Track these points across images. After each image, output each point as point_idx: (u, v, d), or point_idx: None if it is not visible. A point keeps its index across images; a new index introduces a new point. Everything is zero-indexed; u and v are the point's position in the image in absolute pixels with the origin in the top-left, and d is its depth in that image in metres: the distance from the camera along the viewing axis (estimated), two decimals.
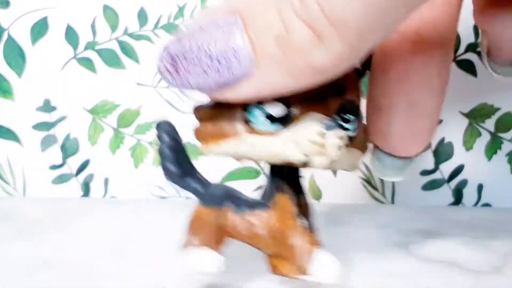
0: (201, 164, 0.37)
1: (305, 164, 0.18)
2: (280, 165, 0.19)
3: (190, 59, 0.16)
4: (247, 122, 0.18)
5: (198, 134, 0.20)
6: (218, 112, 0.19)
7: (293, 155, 0.17)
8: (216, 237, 0.20)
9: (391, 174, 0.24)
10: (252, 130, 0.18)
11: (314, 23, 0.14)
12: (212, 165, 0.36)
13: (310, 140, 0.17)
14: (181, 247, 0.20)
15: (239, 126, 0.18)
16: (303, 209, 0.20)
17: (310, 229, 0.19)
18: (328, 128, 0.17)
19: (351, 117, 0.18)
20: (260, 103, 0.18)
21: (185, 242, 0.20)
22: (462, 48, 0.34)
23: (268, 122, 0.18)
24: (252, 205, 0.19)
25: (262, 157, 0.18)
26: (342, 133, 0.17)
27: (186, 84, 0.17)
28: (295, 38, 0.15)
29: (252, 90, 0.16)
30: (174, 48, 0.16)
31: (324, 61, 0.15)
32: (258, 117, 0.18)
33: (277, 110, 0.18)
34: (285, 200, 0.19)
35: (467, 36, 0.34)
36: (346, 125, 0.18)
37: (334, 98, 0.18)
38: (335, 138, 0.17)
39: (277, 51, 0.15)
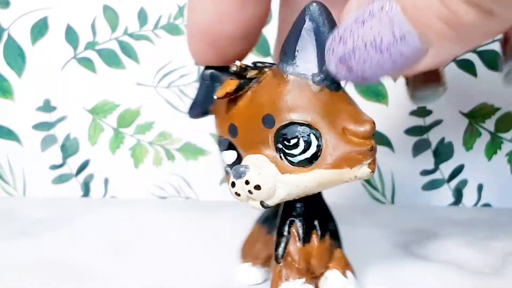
0: (201, 164, 0.37)
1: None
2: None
3: (362, 59, 0.16)
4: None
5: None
6: None
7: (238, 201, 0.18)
8: (261, 252, 0.21)
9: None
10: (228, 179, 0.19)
11: (478, 2, 0.14)
12: (212, 165, 0.36)
13: (230, 191, 0.18)
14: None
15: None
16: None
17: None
18: (236, 177, 0.18)
19: (292, 141, 0.17)
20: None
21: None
22: None
23: (228, 169, 0.19)
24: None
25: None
26: (248, 177, 0.17)
27: (363, 77, 0.16)
28: (463, 19, 0.14)
29: (430, 63, 0.16)
30: (340, 50, 0.16)
31: (498, 29, 0.15)
32: (224, 165, 0.19)
33: (228, 159, 0.19)
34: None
35: None
36: (291, 151, 0.17)
37: (267, 131, 0.18)
38: (243, 185, 0.17)
39: (447, 29, 0.15)
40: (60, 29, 0.36)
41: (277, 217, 0.20)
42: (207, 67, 0.19)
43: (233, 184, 0.18)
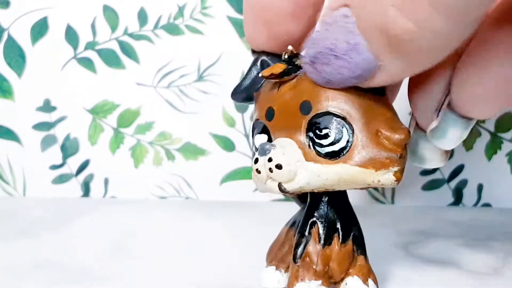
0: (201, 164, 0.37)
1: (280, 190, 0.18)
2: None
3: (324, 62, 0.17)
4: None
5: None
6: None
7: (266, 187, 0.18)
8: (286, 256, 0.21)
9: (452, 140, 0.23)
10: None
11: (413, 14, 0.14)
12: (212, 165, 0.36)
13: (253, 169, 0.18)
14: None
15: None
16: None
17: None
18: (260, 154, 0.18)
19: (323, 131, 0.17)
20: (253, 136, 0.19)
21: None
22: None
23: (256, 153, 0.19)
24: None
25: (262, 190, 0.19)
26: (272, 154, 0.17)
27: (329, 81, 0.17)
28: (397, 30, 0.15)
29: (384, 79, 0.16)
30: (310, 51, 0.17)
31: (441, 48, 0.15)
32: (254, 149, 0.19)
33: (259, 142, 0.19)
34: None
35: None
36: (320, 141, 0.17)
37: (302, 117, 0.18)
38: (266, 162, 0.17)
39: (387, 42, 0.15)
40: (60, 29, 0.36)
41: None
42: (259, 53, 0.20)
43: (256, 161, 0.18)
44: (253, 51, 0.20)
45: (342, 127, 0.17)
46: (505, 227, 0.31)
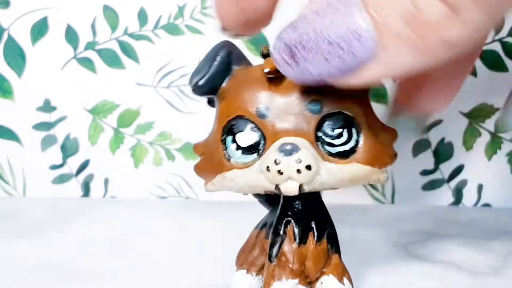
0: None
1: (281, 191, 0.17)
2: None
3: (309, 47, 0.15)
4: (228, 159, 0.18)
5: (198, 170, 0.20)
6: (209, 149, 0.19)
7: (265, 185, 0.17)
8: (257, 259, 0.21)
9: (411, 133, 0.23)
10: (231, 166, 0.18)
11: None
12: None
13: (269, 168, 0.17)
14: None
15: (222, 163, 0.18)
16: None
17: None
18: (285, 154, 0.17)
19: (336, 131, 0.18)
20: (232, 134, 0.18)
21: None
22: None
23: (239, 153, 0.18)
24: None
25: (246, 189, 0.18)
26: (300, 155, 0.17)
27: (307, 73, 0.16)
28: (426, 14, 0.13)
29: (378, 73, 0.15)
30: (289, 36, 0.15)
31: (460, 34, 0.14)
32: (232, 150, 0.18)
33: (245, 140, 0.18)
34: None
35: None
36: (333, 141, 0.18)
37: (311, 117, 0.17)
38: (292, 162, 0.17)
39: (406, 30, 0.14)
40: (60, 29, 0.36)
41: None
42: (224, 45, 0.19)
43: (277, 161, 0.17)
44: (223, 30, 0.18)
45: (352, 127, 0.18)
46: (505, 227, 0.31)
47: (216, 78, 0.19)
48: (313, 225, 0.19)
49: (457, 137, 0.35)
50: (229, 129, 0.18)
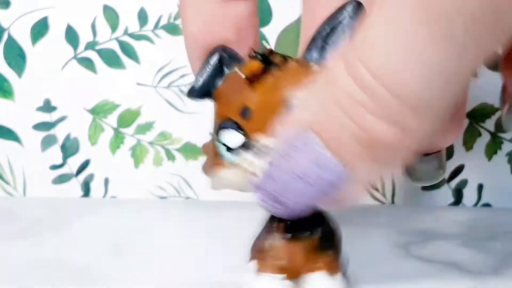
0: (201, 164, 0.37)
1: None
2: None
3: (288, 189, 0.16)
4: (222, 159, 0.19)
5: (203, 169, 0.20)
6: (209, 149, 0.20)
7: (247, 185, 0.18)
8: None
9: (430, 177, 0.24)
10: (222, 165, 0.18)
11: (389, 115, 0.14)
12: None
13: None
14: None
15: (218, 163, 0.19)
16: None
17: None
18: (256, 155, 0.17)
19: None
20: (221, 135, 0.18)
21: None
22: None
23: (228, 153, 0.18)
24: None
25: (237, 188, 0.19)
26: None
27: (297, 210, 0.17)
28: (374, 135, 0.15)
29: (359, 189, 0.16)
30: (269, 186, 0.16)
31: (413, 146, 0.15)
32: (222, 150, 0.18)
33: (232, 141, 0.18)
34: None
35: None
36: None
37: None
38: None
39: (362, 149, 0.15)
40: (60, 29, 0.36)
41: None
42: (215, 50, 0.19)
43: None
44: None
45: None
46: (505, 227, 0.31)
47: (208, 84, 0.19)
48: (306, 220, 0.19)
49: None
50: (218, 131, 0.19)
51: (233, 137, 0.18)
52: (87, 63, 0.36)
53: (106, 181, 0.37)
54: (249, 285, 0.19)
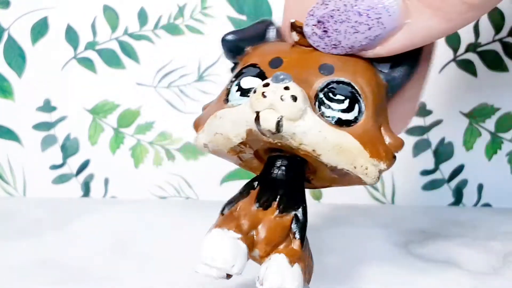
0: (201, 164, 0.37)
1: (261, 128, 0.17)
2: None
3: (340, 20, 0.16)
4: (226, 101, 0.18)
5: (195, 122, 0.20)
6: (212, 104, 0.20)
7: (248, 117, 0.17)
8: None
9: None
10: (225, 106, 0.18)
11: None
12: (212, 165, 0.36)
13: (255, 90, 0.17)
14: None
15: (218, 106, 0.19)
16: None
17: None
18: (276, 79, 0.16)
19: (338, 96, 0.17)
20: (239, 78, 0.18)
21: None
22: (462, 48, 0.34)
23: (237, 94, 0.18)
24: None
25: (229, 127, 0.18)
26: (290, 84, 0.16)
27: (337, 44, 0.17)
28: None
29: (404, 41, 0.16)
30: (321, 12, 0.17)
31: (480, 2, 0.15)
32: (233, 92, 0.18)
33: (247, 83, 0.18)
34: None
35: (467, 36, 0.34)
36: (330, 104, 0.17)
37: (320, 76, 0.17)
38: (280, 88, 0.16)
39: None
40: (60, 29, 0.36)
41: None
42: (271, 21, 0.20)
43: (266, 84, 0.16)
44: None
45: (356, 103, 0.17)
46: (505, 227, 0.31)
47: (245, 39, 0.20)
48: (279, 195, 0.18)
49: (457, 137, 0.35)
50: (237, 75, 0.19)
51: (250, 80, 0.18)
52: (87, 63, 0.36)
53: (106, 181, 0.37)
54: (205, 235, 0.18)
